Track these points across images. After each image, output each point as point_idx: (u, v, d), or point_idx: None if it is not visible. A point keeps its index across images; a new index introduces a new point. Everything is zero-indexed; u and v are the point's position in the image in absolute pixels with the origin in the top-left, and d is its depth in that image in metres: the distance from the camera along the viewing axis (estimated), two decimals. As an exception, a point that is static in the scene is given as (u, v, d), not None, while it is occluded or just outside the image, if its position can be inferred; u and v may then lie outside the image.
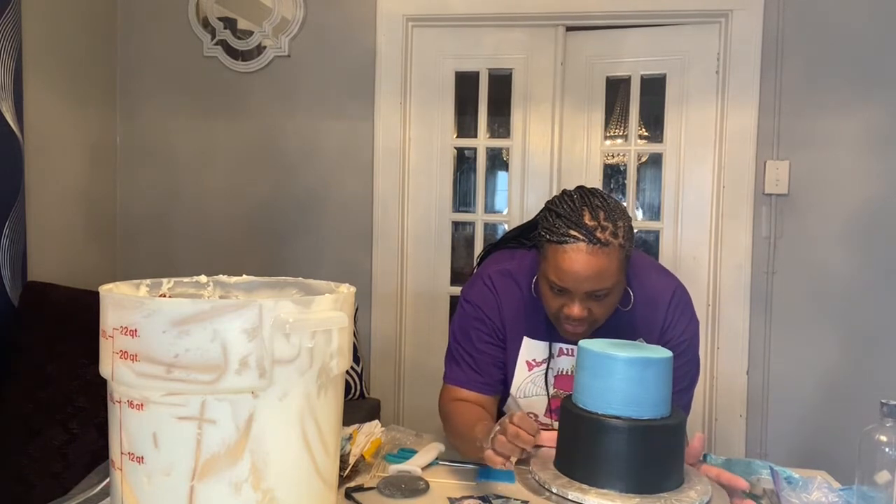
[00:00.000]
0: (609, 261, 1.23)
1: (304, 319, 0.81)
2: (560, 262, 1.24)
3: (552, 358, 1.41)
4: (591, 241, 1.22)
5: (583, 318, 1.28)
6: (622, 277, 1.28)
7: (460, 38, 2.63)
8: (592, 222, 1.23)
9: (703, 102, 2.50)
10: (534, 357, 1.42)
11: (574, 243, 1.23)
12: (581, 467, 1.15)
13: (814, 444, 2.42)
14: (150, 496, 0.81)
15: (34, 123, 2.25)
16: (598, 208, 1.25)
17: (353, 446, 1.26)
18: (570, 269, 1.23)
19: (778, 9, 2.39)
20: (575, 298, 1.26)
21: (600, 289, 1.25)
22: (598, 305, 1.28)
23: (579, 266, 1.23)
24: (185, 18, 2.69)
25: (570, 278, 1.24)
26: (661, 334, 1.40)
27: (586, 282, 1.24)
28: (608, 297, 1.28)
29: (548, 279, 1.28)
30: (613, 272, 1.24)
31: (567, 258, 1.23)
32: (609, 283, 1.25)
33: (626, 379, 1.12)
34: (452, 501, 1.13)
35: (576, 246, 1.23)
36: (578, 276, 1.23)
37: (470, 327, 1.44)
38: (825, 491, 1.10)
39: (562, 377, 1.42)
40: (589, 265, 1.22)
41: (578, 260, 1.22)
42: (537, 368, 1.42)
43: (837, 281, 2.40)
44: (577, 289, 1.25)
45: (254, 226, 2.73)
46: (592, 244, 1.22)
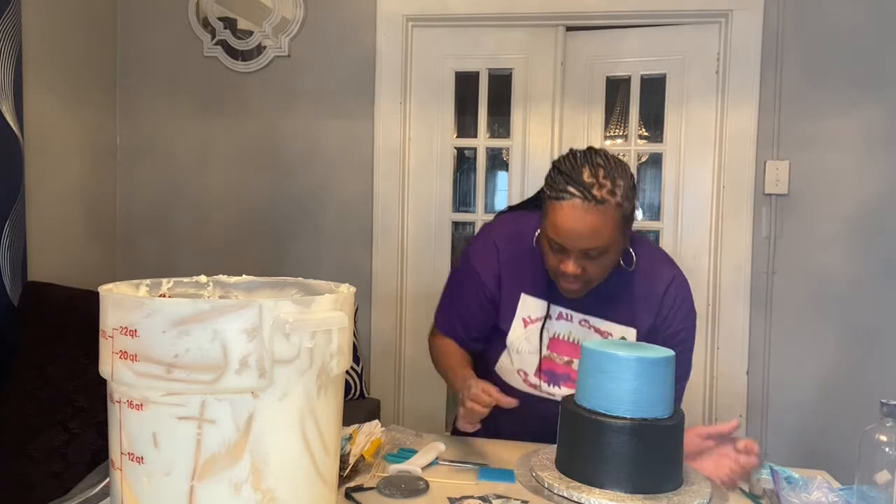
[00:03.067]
0: (604, 219, 1.23)
1: (304, 319, 0.81)
2: (556, 218, 1.25)
3: (548, 319, 1.41)
4: (586, 197, 1.22)
5: (577, 276, 1.29)
6: (619, 237, 1.28)
7: (460, 38, 2.63)
8: (591, 179, 1.23)
9: (703, 102, 2.50)
10: (530, 314, 1.42)
11: (570, 199, 1.23)
12: (581, 467, 1.15)
13: (814, 444, 2.42)
14: (150, 496, 0.80)
15: (34, 123, 2.25)
16: (599, 166, 1.25)
17: (353, 446, 1.26)
18: (565, 225, 1.24)
19: (778, 9, 2.39)
20: (570, 255, 1.27)
21: (594, 247, 1.25)
22: (593, 265, 1.28)
23: (574, 223, 1.23)
24: (185, 18, 2.69)
25: (565, 235, 1.25)
26: (660, 318, 1.40)
27: (580, 239, 1.24)
28: (603, 257, 1.28)
29: (547, 236, 1.30)
30: (609, 231, 1.24)
31: (563, 214, 1.24)
32: (603, 242, 1.25)
33: (627, 379, 1.13)
34: (452, 501, 1.13)
35: (572, 202, 1.23)
36: (573, 233, 1.24)
37: (463, 282, 1.47)
38: (825, 491, 1.10)
39: (557, 341, 1.41)
40: (584, 222, 1.23)
41: (573, 217, 1.23)
42: (532, 325, 1.41)
43: (837, 281, 2.40)
44: (571, 246, 1.26)
45: (254, 226, 2.73)
46: (588, 201, 1.22)
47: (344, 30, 2.63)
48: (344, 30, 2.63)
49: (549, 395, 1.41)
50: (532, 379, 1.43)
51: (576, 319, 1.40)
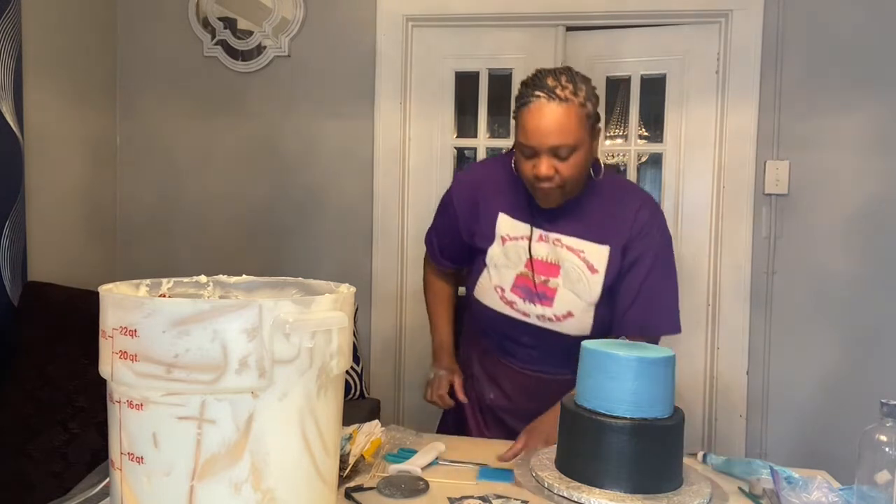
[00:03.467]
0: (569, 116, 1.33)
1: (303, 319, 0.81)
2: (526, 121, 1.36)
3: (531, 241, 1.48)
4: (550, 97, 1.33)
5: (551, 177, 1.36)
6: (585, 137, 1.37)
7: (460, 38, 2.63)
8: (553, 83, 1.35)
9: (703, 102, 2.50)
10: (508, 233, 1.50)
11: (536, 101, 1.34)
12: (581, 467, 1.15)
13: (814, 444, 2.42)
14: (150, 496, 0.81)
15: (34, 123, 2.25)
16: (561, 74, 1.37)
17: (353, 446, 1.26)
18: (534, 125, 1.34)
19: (778, 9, 2.39)
20: (541, 156, 1.36)
21: (562, 144, 1.34)
22: (565, 165, 1.36)
23: (541, 120, 1.34)
24: (185, 18, 2.69)
25: (534, 134, 1.35)
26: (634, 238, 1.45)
27: (549, 135, 1.33)
28: (573, 157, 1.36)
29: (520, 145, 1.39)
30: (574, 127, 1.34)
31: (531, 116, 1.35)
32: (571, 138, 1.34)
33: (627, 379, 1.13)
34: (452, 501, 1.13)
35: (538, 103, 1.34)
36: (541, 130, 1.34)
37: (442, 212, 1.63)
38: (825, 491, 1.10)
39: (535, 261, 1.47)
40: (550, 119, 1.33)
41: (540, 115, 1.34)
42: (510, 243, 1.49)
43: (837, 281, 2.40)
44: (541, 144, 1.35)
45: (254, 225, 2.73)
46: (552, 100, 1.33)
47: (344, 30, 2.63)
48: (344, 30, 2.63)
49: (524, 316, 1.48)
50: (509, 295, 1.48)
51: (551, 240, 1.47)
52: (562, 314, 1.45)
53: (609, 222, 1.46)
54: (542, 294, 1.46)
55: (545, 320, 1.46)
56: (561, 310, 1.45)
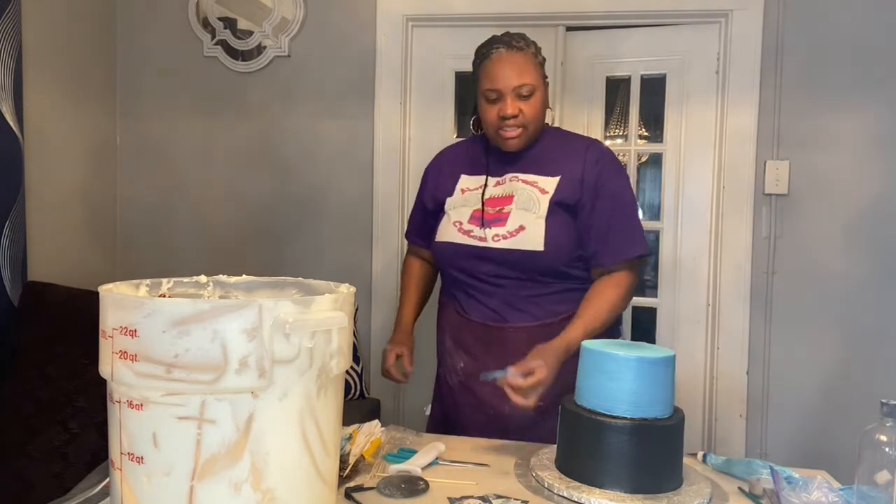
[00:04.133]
0: (527, 59, 1.53)
1: (303, 319, 0.81)
2: (489, 68, 1.53)
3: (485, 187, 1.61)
4: (509, 46, 1.53)
5: (516, 115, 1.51)
6: (541, 82, 1.55)
7: (460, 38, 2.63)
8: (508, 38, 1.55)
9: (703, 102, 2.50)
10: (468, 186, 1.65)
11: (497, 51, 1.53)
12: (581, 467, 1.15)
13: (814, 444, 2.42)
14: (150, 496, 0.81)
15: (34, 123, 2.25)
16: (513, 33, 1.57)
17: (353, 446, 1.26)
18: (497, 69, 1.52)
19: (778, 9, 2.39)
20: (506, 97, 1.51)
21: (525, 83, 1.51)
22: (527, 105, 1.52)
23: (504, 65, 1.52)
24: (185, 18, 2.69)
25: (499, 76, 1.51)
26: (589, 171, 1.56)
27: (513, 77, 1.51)
28: (534, 98, 1.53)
29: (484, 93, 1.55)
30: (533, 69, 1.53)
31: (493, 63, 1.53)
32: (531, 79, 1.52)
33: (627, 379, 1.13)
34: (452, 501, 1.13)
35: (498, 52, 1.53)
36: (505, 72, 1.51)
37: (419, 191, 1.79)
38: (825, 491, 1.10)
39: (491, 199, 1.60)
40: (512, 62, 1.52)
41: (502, 61, 1.52)
42: (469, 192, 1.63)
43: (837, 281, 2.40)
44: (506, 86, 1.51)
45: (254, 226, 2.73)
46: (510, 48, 1.53)
47: (344, 30, 2.63)
48: (344, 30, 2.63)
49: (480, 241, 1.56)
50: (466, 225, 1.59)
51: (507, 179, 1.61)
52: (514, 229, 1.53)
53: (560, 159, 1.60)
54: (495, 220, 1.56)
55: (500, 239, 1.54)
56: (513, 225, 1.54)
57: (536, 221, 1.52)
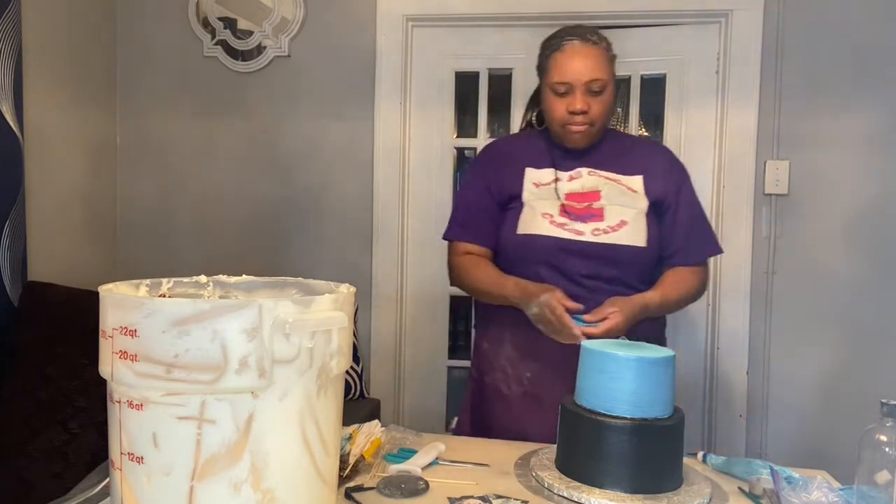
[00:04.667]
0: (600, 55, 1.50)
1: (303, 319, 0.81)
2: (561, 61, 1.49)
3: (559, 182, 1.55)
4: (583, 39, 1.50)
5: (585, 111, 1.48)
6: (612, 80, 1.52)
7: (460, 38, 2.63)
8: (581, 31, 1.53)
9: (703, 102, 2.50)
10: (539, 180, 1.56)
11: (570, 43, 1.50)
12: (581, 467, 1.15)
13: (814, 444, 2.42)
14: (150, 496, 0.81)
15: (34, 123, 2.25)
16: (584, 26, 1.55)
17: (353, 446, 1.26)
18: (570, 63, 1.48)
19: (778, 9, 2.39)
20: (576, 92, 1.48)
21: (596, 78, 1.48)
22: (596, 102, 1.49)
23: (577, 58, 1.48)
24: (185, 18, 2.69)
25: (571, 70, 1.48)
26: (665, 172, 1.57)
27: (585, 71, 1.47)
28: (603, 95, 1.50)
29: (552, 86, 1.51)
30: (605, 66, 1.50)
31: (566, 55, 1.49)
32: (603, 74, 1.49)
33: (627, 379, 1.13)
34: (452, 501, 1.13)
35: (571, 44, 1.50)
36: (577, 66, 1.48)
37: (470, 184, 1.65)
38: (825, 491, 1.10)
39: (571, 194, 1.53)
40: (585, 56, 1.48)
41: (576, 53, 1.49)
42: (544, 187, 1.55)
43: (837, 281, 2.40)
44: (577, 80, 1.47)
45: (254, 226, 2.73)
46: (584, 42, 1.50)
47: (344, 30, 2.63)
48: (344, 30, 2.63)
49: (577, 234, 1.48)
50: (558, 218, 1.50)
51: (584, 173, 1.55)
52: (615, 223, 1.48)
53: (634, 158, 1.57)
54: (588, 215, 1.49)
55: (600, 233, 1.47)
56: (613, 220, 1.48)
57: (638, 217, 1.50)
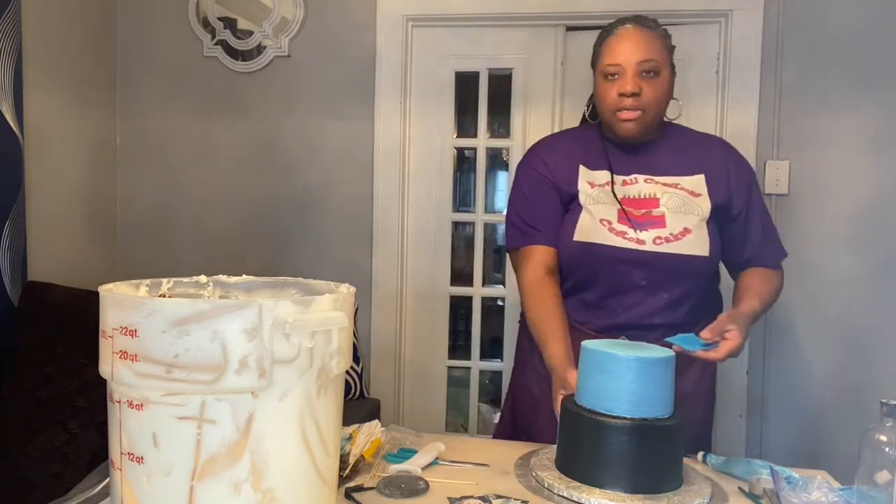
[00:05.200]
0: (654, 37, 1.43)
1: (303, 319, 0.81)
2: (613, 43, 1.43)
3: (614, 185, 1.47)
4: (637, 23, 1.44)
5: (637, 94, 1.39)
6: (667, 63, 1.43)
7: (460, 38, 2.63)
8: (636, 17, 1.46)
9: (703, 102, 2.50)
10: (594, 180, 1.48)
11: (623, 27, 1.44)
12: (581, 467, 1.15)
13: (814, 444, 2.42)
14: (150, 496, 0.81)
15: (34, 123, 2.25)
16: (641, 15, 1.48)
17: (353, 446, 1.26)
18: (621, 43, 1.42)
19: (778, 9, 2.39)
20: (627, 74, 1.40)
21: (649, 58, 1.40)
22: (648, 86, 1.40)
23: (629, 39, 1.41)
24: (185, 18, 2.69)
25: (622, 51, 1.41)
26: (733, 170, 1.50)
27: (636, 51, 1.40)
28: (657, 78, 1.41)
29: (603, 70, 1.44)
30: (660, 49, 1.42)
31: (618, 37, 1.43)
32: (657, 55, 1.41)
33: (627, 379, 1.13)
34: (452, 501, 1.13)
35: (624, 27, 1.44)
36: (628, 46, 1.41)
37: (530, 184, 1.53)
38: (825, 491, 1.10)
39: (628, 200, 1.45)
40: (638, 37, 1.41)
41: (628, 36, 1.42)
42: (598, 188, 1.47)
43: (837, 281, 2.40)
44: (628, 61, 1.40)
45: (254, 226, 2.73)
46: (638, 25, 1.43)
47: (344, 30, 2.63)
48: (344, 30, 2.63)
49: (638, 243, 1.41)
50: (617, 226, 1.43)
51: (641, 180, 1.47)
52: (678, 231, 1.41)
53: (692, 156, 1.50)
54: (648, 222, 1.43)
55: (662, 242, 1.40)
56: (676, 228, 1.42)
57: (701, 226, 1.43)
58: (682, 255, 1.41)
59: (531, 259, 1.49)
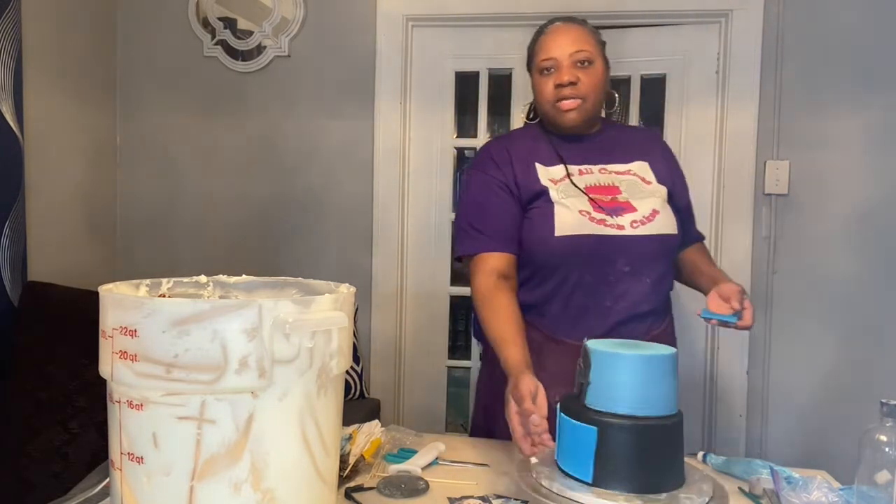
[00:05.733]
0: (585, 31, 1.50)
1: (303, 319, 0.81)
2: (545, 40, 1.50)
3: (571, 176, 1.50)
4: (567, 20, 1.52)
5: (574, 83, 1.44)
6: (601, 56, 1.50)
7: (460, 38, 2.63)
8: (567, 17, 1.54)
9: (703, 102, 2.50)
10: (552, 177, 1.50)
11: (553, 25, 1.52)
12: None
13: (814, 444, 2.42)
14: (150, 496, 0.81)
15: (34, 123, 2.25)
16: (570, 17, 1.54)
17: (353, 446, 1.26)
18: (554, 39, 1.48)
19: (778, 9, 2.39)
20: (562, 65, 1.46)
21: (582, 49, 1.46)
22: (584, 74, 1.46)
23: (560, 33, 1.48)
24: (185, 18, 2.69)
25: (555, 44, 1.47)
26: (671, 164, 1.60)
27: (568, 44, 1.46)
28: (592, 68, 1.47)
29: (539, 66, 1.50)
30: (592, 41, 1.49)
31: (550, 34, 1.50)
32: (589, 47, 1.47)
33: (630, 377, 1.12)
34: (452, 501, 1.13)
35: (554, 25, 1.52)
36: (561, 40, 1.47)
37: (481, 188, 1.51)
38: (825, 491, 1.10)
39: (591, 188, 1.48)
40: (569, 31, 1.49)
41: (559, 31, 1.49)
42: (560, 183, 1.49)
43: (837, 281, 2.40)
44: (562, 53, 1.46)
45: (254, 226, 2.73)
46: (568, 22, 1.51)
47: (344, 30, 2.63)
48: (344, 30, 2.63)
49: (618, 229, 1.42)
50: (596, 215, 1.44)
51: (595, 170, 1.52)
52: (648, 213, 1.46)
53: (633, 145, 1.58)
54: (619, 208, 1.46)
55: (638, 225, 1.44)
56: (646, 210, 1.46)
57: (664, 205, 1.49)
58: (659, 236, 1.46)
59: (484, 266, 1.44)
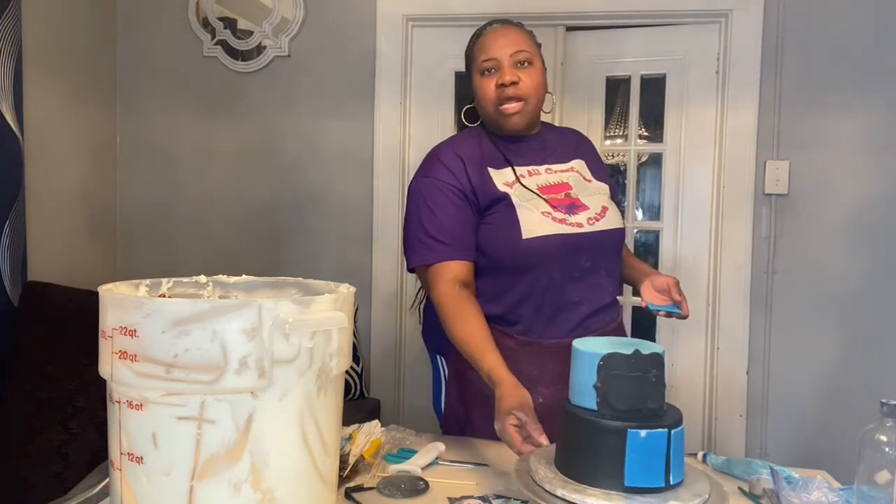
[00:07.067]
0: (522, 33, 1.51)
1: (303, 319, 0.81)
2: (485, 41, 1.50)
3: (521, 178, 1.49)
4: (504, 22, 1.53)
5: (516, 83, 1.44)
6: (539, 56, 1.51)
7: (460, 38, 2.60)
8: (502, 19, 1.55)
9: (703, 102, 2.50)
10: (505, 180, 1.49)
11: (491, 26, 1.53)
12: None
13: (814, 444, 2.42)
14: (150, 496, 0.81)
15: (34, 123, 2.25)
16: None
17: (353, 446, 1.26)
18: (494, 40, 1.49)
19: (778, 9, 2.39)
20: (503, 65, 1.46)
21: (521, 49, 1.47)
22: (525, 74, 1.46)
23: (499, 35, 1.49)
24: (185, 18, 2.69)
25: (495, 45, 1.48)
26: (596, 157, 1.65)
27: (508, 44, 1.47)
28: (532, 68, 1.48)
29: (480, 67, 1.49)
30: (529, 42, 1.50)
31: (489, 36, 1.51)
32: (528, 47, 1.48)
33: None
34: (452, 501, 1.13)
35: (492, 27, 1.52)
36: (501, 42, 1.48)
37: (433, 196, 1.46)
38: (825, 491, 1.10)
39: (542, 187, 1.50)
40: (507, 32, 1.49)
41: (497, 33, 1.50)
42: (514, 186, 1.48)
43: (837, 281, 2.40)
44: (502, 53, 1.46)
45: (254, 226, 2.73)
46: (505, 24, 1.53)
47: (344, 30, 2.63)
48: (344, 30, 2.63)
49: (578, 227, 1.45)
50: (557, 215, 1.45)
51: (542, 170, 1.54)
52: (599, 210, 1.50)
53: (568, 144, 1.62)
54: (574, 206, 1.49)
55: (594, 222, 1.47)
56: (596, 207, 1.50)
57: (609, 201, 1.54)
58: (610, 231, 1.49)
59: (446, 275, 1.41)
